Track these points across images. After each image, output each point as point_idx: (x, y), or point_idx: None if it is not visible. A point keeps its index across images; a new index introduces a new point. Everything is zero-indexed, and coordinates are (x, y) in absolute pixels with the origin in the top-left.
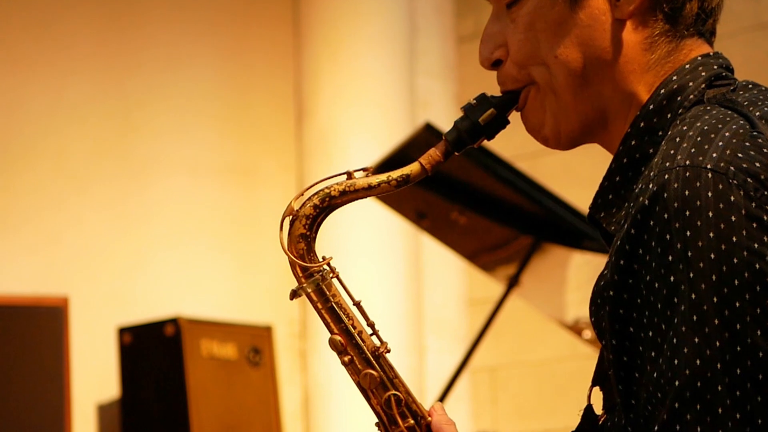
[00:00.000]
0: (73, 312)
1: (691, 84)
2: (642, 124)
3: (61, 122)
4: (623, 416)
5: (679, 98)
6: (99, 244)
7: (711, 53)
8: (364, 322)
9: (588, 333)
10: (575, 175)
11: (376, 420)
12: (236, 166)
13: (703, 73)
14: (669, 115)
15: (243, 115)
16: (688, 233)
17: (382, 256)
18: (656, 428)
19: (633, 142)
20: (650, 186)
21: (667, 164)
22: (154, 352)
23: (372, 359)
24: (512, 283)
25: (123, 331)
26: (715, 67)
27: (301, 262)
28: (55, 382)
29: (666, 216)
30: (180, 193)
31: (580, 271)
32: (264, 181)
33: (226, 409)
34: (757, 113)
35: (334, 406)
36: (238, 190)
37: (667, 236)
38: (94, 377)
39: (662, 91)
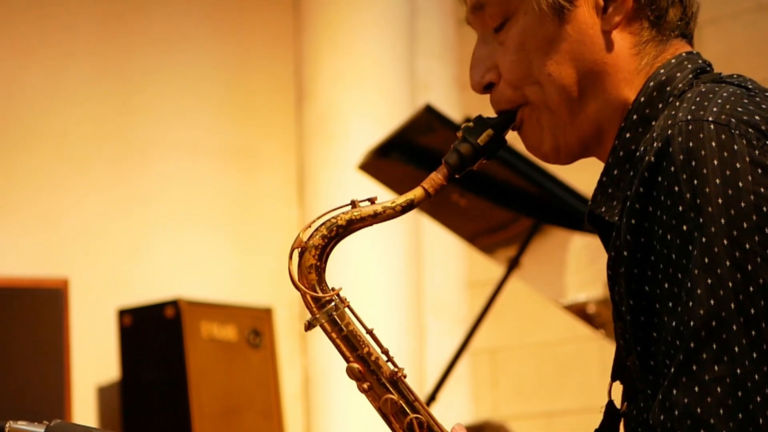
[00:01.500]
0: (73, 294)
1: (678, 74)
2: (635, 117)
3: (60, 104)
4: (643, 379)
5: (668, 88)
6: (99, 226)
7: (693, 52)
8: (378, 350)
9: (593, 307)
10: None
11: None
12: (236, 148)
13: (689, 66)
14: (660, 105)
15: (243, 97)
16: (696, 182)
17: (382, 239)
18: (673, 370)
19: (627, 135)
20: (654, 144)
21: (669, 122)
22: (154, 334)
23: (390, 384)
24: (512, 265)
25: (123, 313)
26: (699, 61)
27: (312, 293)
28: (55, 364)
29: (673, 169)
30: (180, 174)
31: (580, 253)
32: (264, 163)
33: (226, 391)
34: (750, 85)
35: (335, 387)
36: (238, 172)
37: (676, 188)
38: (94, 359)
39: (651, 83)
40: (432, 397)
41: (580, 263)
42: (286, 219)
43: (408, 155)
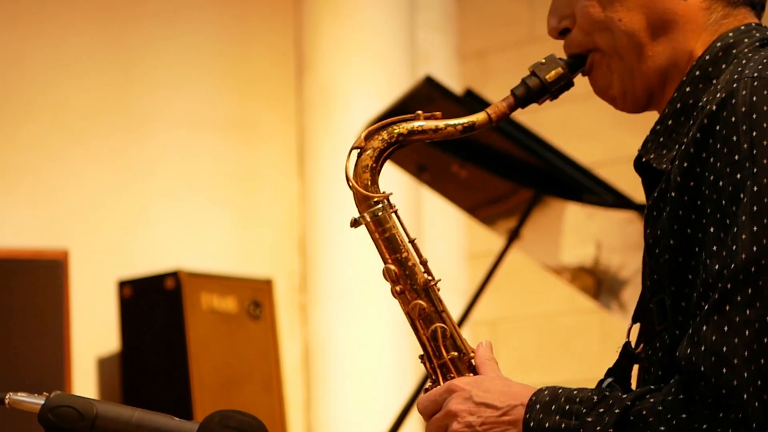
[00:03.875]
0: (73, 265)
1: (746, 40)
2: (697, 73)
3: (60, 76)
4: (664, 321)
5: (734, 51)
6: (99, 198)
7: (761, 24)
8: (417, 258)
9: None
10: (575, 129)
11: (421, 352)
12: (236, 120)
13: (757, 35)
14: (723, 66)
15: (243, 69)
16: (755, 134)
17: None
18: (707, 307)
19: (688, 89)
20: (718, 95)
21: (735, 77)
22: (154, 306)
23: (422, 291)
24: (513, 236)
25: (123, 285)
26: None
27: (364, 192)
28: (55, 336)
29: (733, 119)
30: (180, 146)
31: (580, 225)
32: (264, 135)
33: (226, 363)
34: None
35: (335, 358)
36: (238, 144)
37: (734, 137)
38: (94, 330)
39: (718, 44)
40: None
41: (580, 234)
42: (287, 191)
43: None
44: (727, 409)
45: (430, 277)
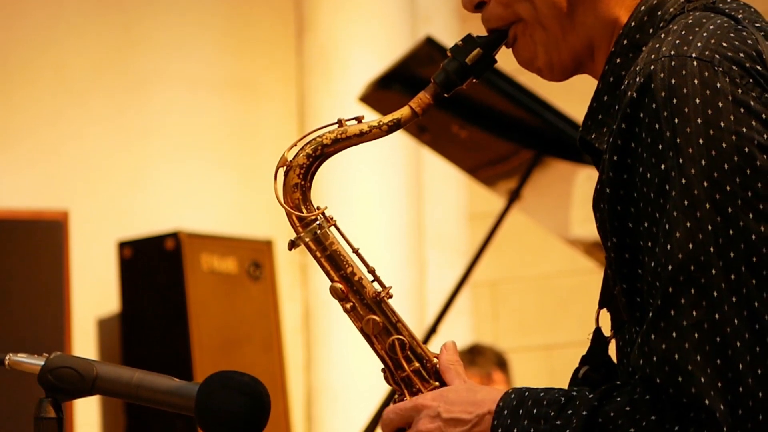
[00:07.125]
0: (73, 226)
1: None
2: (625, 42)
3: (60, 35)
4: (629, 316)
5: (659, 12)
6: (99, 158)
7: None
8: (364, 269)
9: None
10: (576, 89)
11: (382, 366)
12: (236, 80)
13: None
14: (651, 30)
15: (243, 29)
16: (676, 120)
17: (382, 171)
18: (651, 314)
19: (618, 60)
20: (637, 79)
21: (653, 56)
22: (154, 267)
23: (373, 305)
24: (513, 197)
25: (123, 245)
26: None
27: (297, 212)
28: (55, 297)
29: (654, 106)
30: (180, 106)
31: (581, 186)
32: (264, 96)
33: (226, 324)
34: (740, 15)
35: (335, 320)
36: (238, 104)
37: (656, 126)
38: (94, 291)
39: (642, 8)
40: (433, 330)
41: (581, 195)
42: None
43: (409, 87)
44: (695, 412)
45: (380, 288)
